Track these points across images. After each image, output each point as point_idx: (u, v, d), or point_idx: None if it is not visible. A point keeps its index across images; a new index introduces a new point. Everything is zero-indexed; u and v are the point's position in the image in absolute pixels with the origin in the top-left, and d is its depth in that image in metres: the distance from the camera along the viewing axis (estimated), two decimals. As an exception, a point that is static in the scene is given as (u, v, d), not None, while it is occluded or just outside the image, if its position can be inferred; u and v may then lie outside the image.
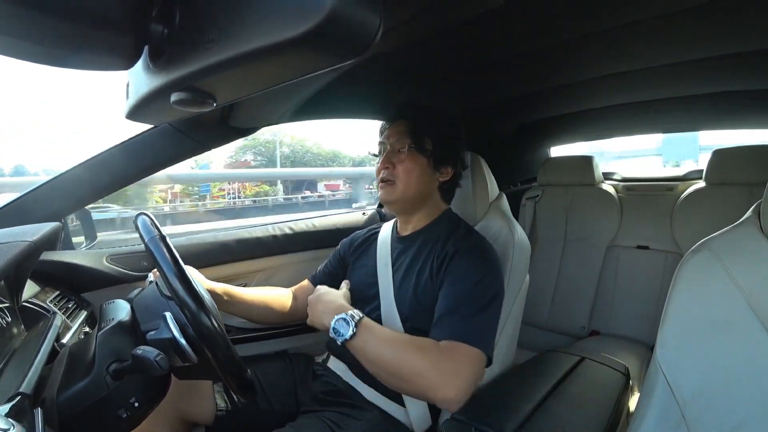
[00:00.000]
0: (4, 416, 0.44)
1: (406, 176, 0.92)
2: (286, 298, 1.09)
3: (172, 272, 0.63)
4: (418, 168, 0.92)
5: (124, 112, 0.55)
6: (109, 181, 1.08)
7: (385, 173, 0.93)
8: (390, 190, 0.93)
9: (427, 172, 0.94)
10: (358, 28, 0.32)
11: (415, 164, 0.92)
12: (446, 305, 0.80)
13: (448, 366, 0.72)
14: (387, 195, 0.94)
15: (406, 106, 0.99)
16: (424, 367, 0.71)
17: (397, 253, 0.97)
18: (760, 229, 0.57)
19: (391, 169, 0.93)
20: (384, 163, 0.94)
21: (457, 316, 0.77)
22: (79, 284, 1.05)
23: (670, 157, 24.05)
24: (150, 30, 0.40)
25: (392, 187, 0.93)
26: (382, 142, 0.97)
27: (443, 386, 0.70)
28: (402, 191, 0.93)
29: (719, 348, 0.55)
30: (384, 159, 0.94)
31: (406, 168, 0.92)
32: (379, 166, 0.95)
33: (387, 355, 0.74)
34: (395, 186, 0.93)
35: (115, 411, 0.60)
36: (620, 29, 0.87)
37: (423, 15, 0.71)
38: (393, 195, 0.93)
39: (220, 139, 1.12)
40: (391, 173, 0.93)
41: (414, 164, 0.92)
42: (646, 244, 1.77)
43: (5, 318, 0.68)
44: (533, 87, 1.37)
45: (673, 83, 1.29)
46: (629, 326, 1.71)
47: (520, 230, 1.05)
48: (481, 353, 0.74)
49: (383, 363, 0.74)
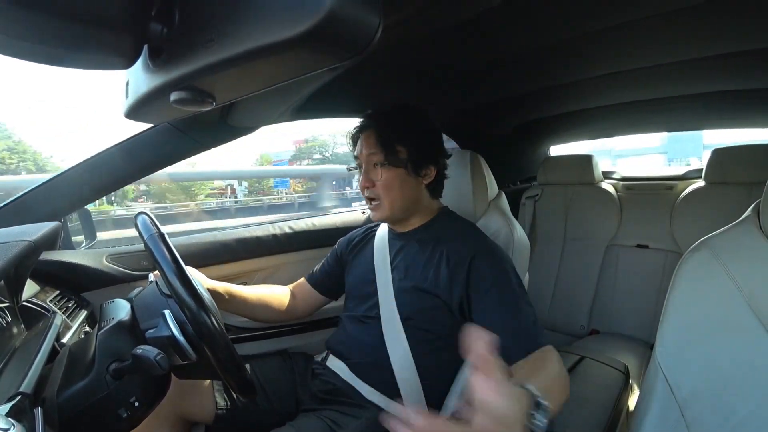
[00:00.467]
0: (4, 416, 0.44)
1: (388, 192, 0.90)
2: (285, 296, 1.09)
3: (170, 270, 0.63)
4: (398, 180, 0.90)
5: (124, 111, 0.54)
6: (109, 180, 1.08)
7: (368, 192, 0.92)
8: (378, 210, 0.93)
9: (408, 181, 0.91)
10: (357, 28, 0.32)
11: (394, 177, 0.90)
12: (504, 321, 0.78)
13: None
14: (376, 215, 0.94)
15: (371, 114, 0.95)
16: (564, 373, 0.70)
17: (396, 251, 0.97)
18: (760, 228, 0.57)
19: (371, 188, 0.91)
20: (364, 181, 0.92)
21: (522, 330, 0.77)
22: (79, 284, 1.05)
23: (674, 156, 24.17)
24: (149, 29, 0.40)
25: (378, 206, 0.92)
26: (356, 157, 0.95)
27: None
28: (389, 208, 0.91)
29: (718, 347, 0.55)
30: (363, 176, 0.92)
31: (386, 184, 0.90)
32: (360, 183, 0.93)
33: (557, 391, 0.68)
34: (381, 205, 0.91)
35: (115, 410, 0.60)
36: (620, 28, 0.87)
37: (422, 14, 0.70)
38: (382, 214, 0.93)
39: (219, 139, 1.12)
40: (373, 192, 0.91)
41: (393, 178, 0.90)
42: (645, 243, 1.77)
43: (5, 317, 0.68)
44: (533, 86, 1.37)
45: (673, 82, 1.29)
46: (629, 325, 1.72)
47: (520, 229, 1.05)
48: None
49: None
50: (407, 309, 0.88)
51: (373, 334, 0.90)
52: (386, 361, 0.87)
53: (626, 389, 0.97)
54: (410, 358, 0.86)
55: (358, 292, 0.98)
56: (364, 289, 0.96)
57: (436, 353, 0.87)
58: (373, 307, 0.92)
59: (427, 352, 0.86)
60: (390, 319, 0.88)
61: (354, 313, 0.97)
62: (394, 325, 0.88)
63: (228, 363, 0.64)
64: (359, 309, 0.96)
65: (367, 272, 0.97)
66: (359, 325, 0.95)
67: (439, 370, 0.88)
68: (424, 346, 0.86)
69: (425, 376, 0.86)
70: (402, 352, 0.86)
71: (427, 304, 0.86)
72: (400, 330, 0.87)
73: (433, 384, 0.86)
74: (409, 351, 0.86)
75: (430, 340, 0.87)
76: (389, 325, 0.88)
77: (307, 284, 1.12)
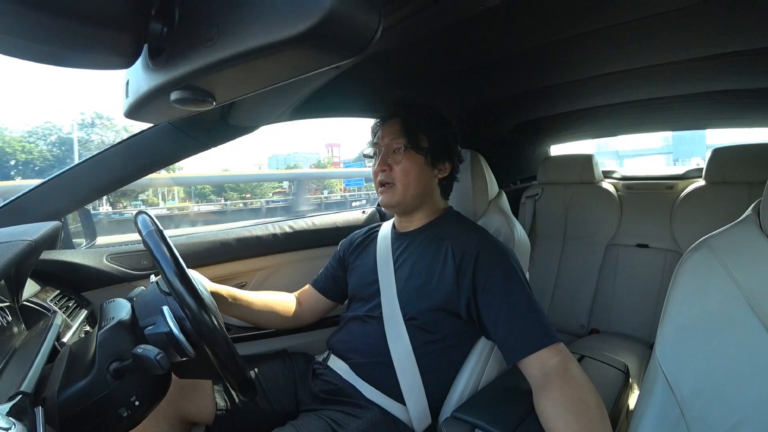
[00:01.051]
0: (5, 415, 0.44)
1: (404, 177, 0.91)
2: (291, 303, 1.09)
3: (170, 268, 0.62)
4: (416, 167, 0.92)
5: (124, 110, 0.55)
6: (109, 180, 1.07)
7: (383, 176, 0.93)
8: (390, 193, 0.92)
9: (425, 170, 0.93)
10: (357, 27, 0.32)
11: (413, 163, 0.91)
12: (509, 317, 0.79)
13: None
14: (388, 198, 0.93)
15: (397, 104, 0.97)
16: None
17: (400, 251, 0.96)
18: (760, 227, 0.57)
19: (388, 171, 0.92)
20: (381, 165, 0.93)
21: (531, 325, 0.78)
22: (79, 283, 1.05)
23: (680, 156, 24.45)
24: (149, 29, 0.40)
25: (392, 189, 0.92)
26: (376, 143, 0.96)
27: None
28: (402, 193, 0.92)
29: (718, 346, 0.55)
30: (380, 161, 0.93)
31: (404, 168, 0.91)
32: (376, 168, 0.94)
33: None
34: (395, 188, 0.92)
35: (115, 410, 0.60)
36: (620, 27, 0.87)
37: (422, 13, 0.70)
38: (394, 198, 0.92)
39: (219, 138, 1.12)
40: (389, 175, 0.92)
41: (411, 163, 0.91)
42: (645, 243, 1.77)
43: (6, 317, 0.68)
44: (533, 85, 1.37)
45: (674, 81, 1.29)
46: (629, 324, 1.72)
47: (520, 228, 1.05)
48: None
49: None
50: (411, 309, 0.87)
51: (375, 334, 0.90)
52: (388, 361, 0.87)
53: (626, 388, 0.97)
54: (413, 358, 0.86)
55: (360, 293, 0.98)
56: (367, 290, 0.96)
57: (438, 354, 0.87)
58: (375, 307, 0.92)
59: (430, 352, 0.86)
60: (393, 319, 0.88)
61: (356, 313, 0.97)
62: (396, 325, 0.87)
63: (228, 361, 0.64)
64: (362, 309, 0.96)
65: (370, 273, 0.97)
66: (361, 325, 0.95)
67: (441, 370, 0.88)
68: (427, 347, 0.86)
69: (427, 376, 0.86)
70: (404, 352, 0.86)
71: (432, 304, 0.86)
72: (403, 330, 0.87)
73: (434, 384, 0.86)
74: (412, 351, 0.86)
75: (433, 340, 0.87)
76: (392, 325, 0.88)
77: (312, 290, 1.11)
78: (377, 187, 0.95)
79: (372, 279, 0.96)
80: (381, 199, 0.95)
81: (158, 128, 1.03)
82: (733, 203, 1.46)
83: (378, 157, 0.94)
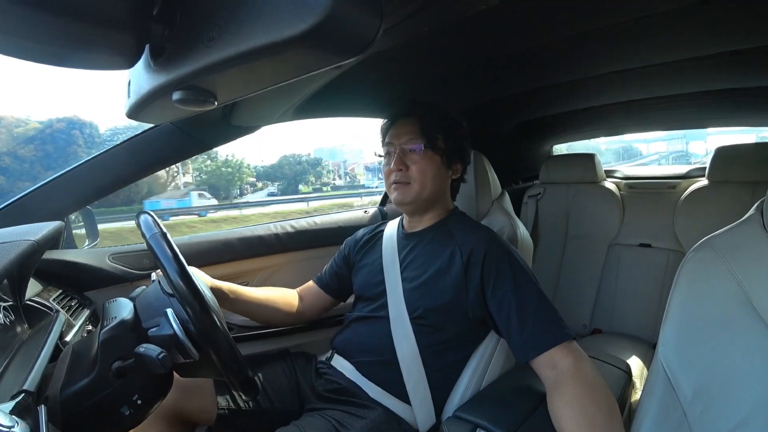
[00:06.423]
0: (8, 413, 0.44)
1: (421, 176, 0.91)
2: (293, 299, 1.09)
3: (173, 268, 0.62)
4: (433, 167, 0.91)
5: (125, 111, 0.55)
6: (111, 179, 1.08)
7: (399, 176, 0.92)
8: (405, 191, 0.92)
9: (441, 171, 0.93)
10: (358, 27, 0.32)
11: (430, 163, 0.91)
12: (519, 316, 0.79)
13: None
14: (402, 196, 0.92)
15: (414, 103, 0.97)
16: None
17: (407, 251, 0.96)
18: (763, 227, 0.56)
19: (404, 171, 0.91)
20: (397, 164, 0.91)
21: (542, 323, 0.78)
22: (81, 283, 1.05)
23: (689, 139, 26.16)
24: (151, 29, 0.40)
25: (407, 187, 0.91)
26: (390, 143, 0.95)
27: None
28: (418, 192, 0.91)
29: (721, 346, 0.55)
30: (396, 161, 0.92)
31: (421, 168, 0.90)
32: (392, 167, 0.92)
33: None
34: (410, 187, 0.91)
35: (117, 408, 0.61)
36: (622, 26, 0.87)
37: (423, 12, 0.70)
38: (409, 196, 0.92)
39: (222, 138, 1.12)
40: (405, 175, 0.91)
41: (429, 163, 0.91)
42: (648, 242, 1.76)
43: (9, 316, 0.69)
44: (535, 84, 1.37)
45: (675, 80, 1.28)
46: (631, 324, 1.71)
47: (523, 228, 1.05)
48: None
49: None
50: (418, 308, 0.87)
51: (380, 334, 0.90)
52: (394, 361, 0.87)
53: (629, 388, 0.96)
54: (419, 357, 0.86)
55: (366, 292, 0.98)
56: (373, 290, 0.96)
57: (443, 353, 0.87)
58: (381, 306, 0.92)
59: (436, 352, 0.86)
60: (399, 318, 0.88)
61: (362, 313, 0.97)
62: (403, 325, 0.87)
63: (230, 361, 0.64)
64: (367, 309, 0.96)
65: (376, 272, 0.97)
66: (366, 324, 0.95)
67: (446, 370, 0.88)
68: (433, 346, 0.86)
69: (432, 376, 0.86)
70: (410, 351, 0.86)
71: (439, 303, 0.86)
72: (409, 329, 0.87)
73: (439, 384, 0.86)
74: (418, 351, 0.86)
75: (439, 340, 0.87)
76: (398, 324, 0.88)
77: (315, 286, 1.11)
78: (389, 186, 0.95)
79: (378, 279, 0.96)
80: (394, 197, 0.94)
81: (160, 128, 1.04)
82: (736, 203, 1.46)
83: (393, 157, 0.93)
